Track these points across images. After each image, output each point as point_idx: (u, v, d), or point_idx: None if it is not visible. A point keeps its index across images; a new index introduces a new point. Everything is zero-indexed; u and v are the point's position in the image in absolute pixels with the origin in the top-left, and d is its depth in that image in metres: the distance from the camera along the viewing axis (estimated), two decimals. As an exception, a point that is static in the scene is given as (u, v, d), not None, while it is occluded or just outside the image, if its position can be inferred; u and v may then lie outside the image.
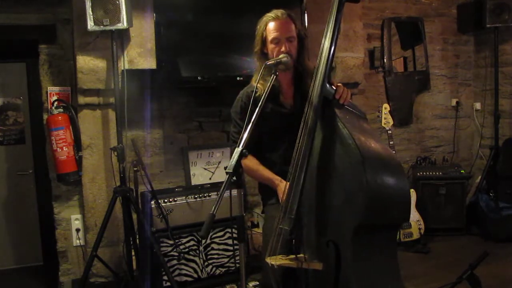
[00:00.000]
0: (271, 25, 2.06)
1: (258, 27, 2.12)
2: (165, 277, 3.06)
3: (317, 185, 1.81)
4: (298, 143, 1.85)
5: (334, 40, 1.87)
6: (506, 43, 4.57)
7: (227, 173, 1.66)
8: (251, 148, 2.14)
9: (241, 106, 2.23)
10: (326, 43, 1.87)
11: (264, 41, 2.10)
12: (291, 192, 1.82)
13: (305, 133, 1.82)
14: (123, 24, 2.90)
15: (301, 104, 2.00)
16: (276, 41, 2.04)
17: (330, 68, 1.88)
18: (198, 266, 3.26)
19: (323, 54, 1.87)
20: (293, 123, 1.93)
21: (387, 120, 4.00)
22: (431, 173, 4.35)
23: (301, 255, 1.81)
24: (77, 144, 3.25)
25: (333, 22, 1.88)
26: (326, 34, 1.89)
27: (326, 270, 1.77)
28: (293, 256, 1.82)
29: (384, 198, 1.68)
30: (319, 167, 1.81)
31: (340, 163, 1.75)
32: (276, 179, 2.08)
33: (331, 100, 1.85)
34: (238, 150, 1.68)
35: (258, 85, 2.00)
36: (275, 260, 1.81)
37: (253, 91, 1.96)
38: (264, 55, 2.10)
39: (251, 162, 2.13)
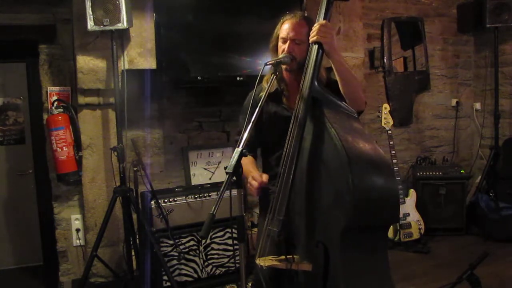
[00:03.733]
0: (285, 25, 2.07)
1: (277, 26, 2.13)
2: (165, 277, 3.06)
3: (307, 185, 1.81)
4: (288, 143, 1.84)
5: None
6: (506, 43, 4.57)
7: (227, 173, 1.66)
8: (250, 148, 2.14)
9: (244, 105, 2.23)
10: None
11: (277, 39, 2.11)
12: (280, 193, 1.81)
13: (294, 129, 1.82)
14: (123, 24, 2.90)
15: None
16: (283, 40, 2.04)
17: (320, 66, 1.87)
18: (198, 266, 3.26)
19: (312, 52, 1.87)
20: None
21: (387, 120, 4.00)
22: (431, 173, 4.35)
23: (291, 256, 1.81)
24: (77, 144, 3.25)
25: (323, 18, 1.88)
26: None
27: (316, 271, 1.77)
28: (283, 257, 1.82)
29: (371, 199, 1.66)
30: (309, 167, 1.81)
31: (328, 164, 1.74)
32: (253, 172, 2.02)
33: (320, 100, 1.84)
34: (238, 150, 1.68)
35: (265, 84, 2.00)
36: (265, 261, 1.81)
37: (260, 91, 1.96)
38: (276, 53, 2.10)
39: (244, 159, 2.09)
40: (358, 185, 1.62)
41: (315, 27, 1.86)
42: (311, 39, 1.87)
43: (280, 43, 2.07)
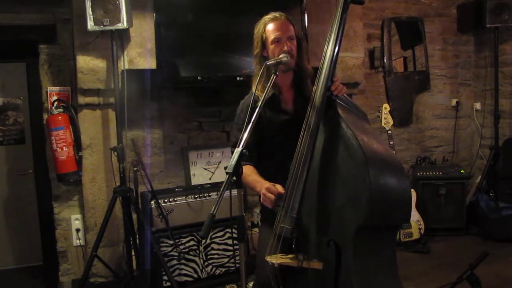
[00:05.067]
0: (271, 26, 2.03)
1: (256, 30, 2.09)
2: (165, 277, 3.06)
3: (319, 184, 1.81)
4: (300, 143, 1.84)
5: (338, 41, 1.86)
6: (506, 43, 4.57)
7: (227, 173, 1.65)
8: (250, 157, 2.12)
9: (239, 115, 2.18)
10: (331, 44, 1.86)
11: (263, 43, 2.06)
12: (293, 191, 1.81)
13: (307, 133, 1.82)
14: (123, 24, 2.90)
15: (302, 108, 1.93)
16: (277, 40, 2.01)
17: (334, 69, 1.87)
18: (198, 266, 3.25)
19: (327, 55, 1.86)
20: (292, 129, 1.90)
21: (387, 120, 4.00)
22: (431, 173, 4.35)
23: (301, 254, 1.81)
24: (77, 144, 3.25)
25: (338, 23, 1.86)
26: (331, 35, 1.87)
27: (326, 270, 1.77)
28: (293, 255, 1.82)
29: (386, 199, 1.68)
30: (321, 167, 1.81)
31: (343, 163, 1.75)
32: (263, 182, 1.98)
33: (334, 100, 1.84)
34: (238, 150, 1.67)
35: (258, 92, 1.98)
36: (275, 259, 1.81)
37: (254, 99, 1.93)
38: (264, 58, 2.05)
39: (246, 169, 1.97)
40: (374, 185, 1.64)
41: (337, 85, 1.89)
42: (338, 93, 1.89)
43: (272, 46, 2.02)
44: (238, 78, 3.42)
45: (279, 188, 1.87)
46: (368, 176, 1.63)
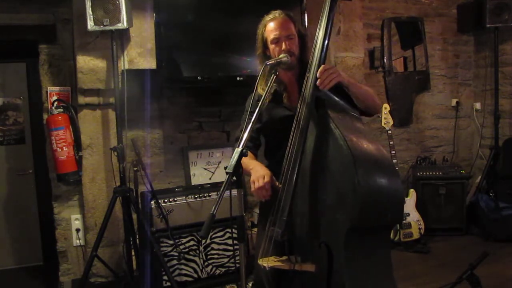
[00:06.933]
0: (270, 26, 2.05)
1: (258, 30, 2.11)
2: (165, 277, 3.06)
3: (310, 186, 1.80)
4: (290, 143, 1.83)
5: (326, 38, 1.85)
6: (506, 43, 4.57)
7: (227, 173, 1.66)
8: (253, 146, 2.14)
9: (246, 106, 2.19)
10: (319, 42, 1.86)
11: (265, 43, 2.08)
12: (283, 193, 1.80)
13: (297, 132, 1.81)
14: (123, 24, 2.90)
15: None
16: (276, 40, 2.02)
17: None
18: (198, 266, 3.26)
19: (316, 52, 1.85)
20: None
21: (387, 120, 4.00)
22: (431, 173, 4.35)
23: (293, 256, 1.81)
24: (77, 144, 3.25)
25: (325, 21, 1.87)
26: (319, 32, 1.87)
27: (319, 272, 1.76)
28: (285, 258, 1.82)
29: (376, 200, 1.66)
30: (312, 168, 1.80)
31: (333, 164, 1.73)
32: (256, 164, 2.00)
33: (323, 100, 1.83)
34: (238, 150, 1.68)
35: (261, 91, 1.99)
36: (267, 262, 1.81)
37: (257, 99, 1.94)
38: (266, 58, 2.06)
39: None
40: (363, 186, 1.62)
41: (323, 76, 1.79)
42: (325, 87, 1.80)
43: (272, 46, 2.04)
44: (238, 78, 3.42)
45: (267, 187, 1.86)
46: (356, 177, 1.61)
